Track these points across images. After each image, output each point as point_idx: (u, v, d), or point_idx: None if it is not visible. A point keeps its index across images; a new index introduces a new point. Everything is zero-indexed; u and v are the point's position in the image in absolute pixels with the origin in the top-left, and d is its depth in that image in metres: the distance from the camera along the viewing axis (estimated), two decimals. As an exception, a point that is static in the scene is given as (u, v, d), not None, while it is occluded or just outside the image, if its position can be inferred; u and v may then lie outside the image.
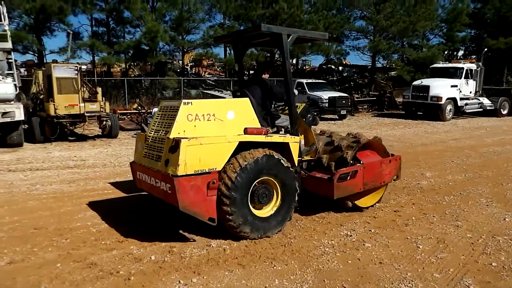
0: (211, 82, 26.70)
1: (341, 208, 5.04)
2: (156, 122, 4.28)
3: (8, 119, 9.59)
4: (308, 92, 18.15)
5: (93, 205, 5.41)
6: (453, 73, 17.93)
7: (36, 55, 22.04)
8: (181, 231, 4.39)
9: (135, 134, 12.50)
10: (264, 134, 4.17)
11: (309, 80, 20.33)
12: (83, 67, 11.69)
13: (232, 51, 23.88)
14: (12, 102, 10.50)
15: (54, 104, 10.60)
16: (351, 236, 4.32)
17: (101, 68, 26.91)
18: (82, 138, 12.16)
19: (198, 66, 36.14)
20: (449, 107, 17.29)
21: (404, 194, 5.96)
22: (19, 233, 4.39)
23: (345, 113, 17.81)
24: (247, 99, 4.31)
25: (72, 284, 3.26)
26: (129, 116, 15.09)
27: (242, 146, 4.03)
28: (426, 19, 25.14)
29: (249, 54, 23.65)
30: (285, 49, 4.40)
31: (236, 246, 4.00)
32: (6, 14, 9.61)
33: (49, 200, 5.65)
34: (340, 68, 33.09)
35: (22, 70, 25.57)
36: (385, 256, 3.82)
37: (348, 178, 4.67)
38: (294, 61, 31.13)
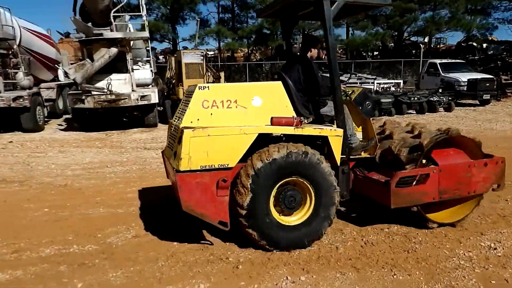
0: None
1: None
2: (180, 108, 3.88)
3: (146, 102, 10.76)
4: (442, 74, 16.14)
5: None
6: None
7: (171, 43, 24.45)
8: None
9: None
10: (295, 125, 3.46)
11: (444, 60, 18.02)
12: (210, 53, 12.40)
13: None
14: (150, 86, 11.75)
15: (183, 88, 11.50)
16: (495, 249, 3.54)
17: (226, 54, 28.43)
18: (207, 120, 12.96)
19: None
20: None
21: None
22: (146, 209, 4.77)
23: (488, 98, 15.32)
24: (279, 82, 3.63)
25: (185, 265, 3.35)
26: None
27: (272, 140, 3.53)
28: None
29: (374, 33, 22.09)
30: (327, 20, 3.55)
31: (351, 245, 3.64)
32: (144, 6, 10.66)
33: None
34: (484, 45, 28.54)
35: (161, 57, 28.65)
36: (545, 282, 3.01)
37: (414, 183, 3.67)
38: (426, 39, 28.06)
